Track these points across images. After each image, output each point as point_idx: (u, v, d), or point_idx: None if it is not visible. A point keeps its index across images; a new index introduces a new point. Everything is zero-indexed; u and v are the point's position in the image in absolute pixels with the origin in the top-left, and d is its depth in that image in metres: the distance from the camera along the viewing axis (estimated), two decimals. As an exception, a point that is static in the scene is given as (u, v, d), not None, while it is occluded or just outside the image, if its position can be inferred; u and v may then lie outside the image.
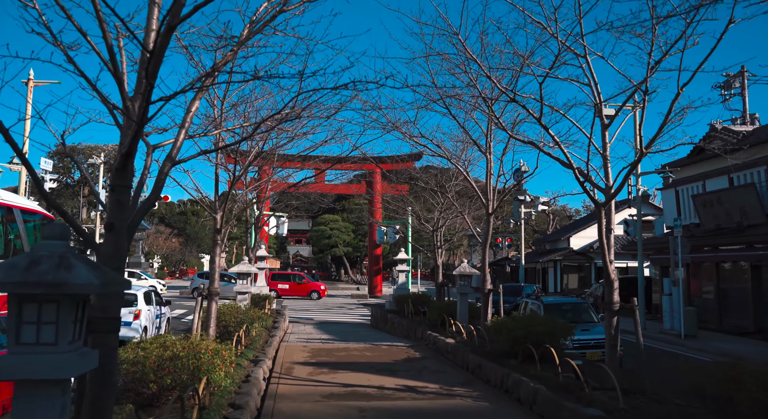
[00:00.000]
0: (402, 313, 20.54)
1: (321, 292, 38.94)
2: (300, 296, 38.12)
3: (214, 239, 10.24)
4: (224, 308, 12.46)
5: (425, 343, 14.72)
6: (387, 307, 23.80)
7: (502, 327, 10.62)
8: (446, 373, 10.90)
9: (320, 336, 17.94)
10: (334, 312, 29.89)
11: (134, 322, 14.54)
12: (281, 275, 41.00)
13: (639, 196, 25.15)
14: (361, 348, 14.09)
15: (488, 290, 13.45)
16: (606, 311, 7.95)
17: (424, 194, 19.55)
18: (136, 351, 6.67)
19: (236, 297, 15.44)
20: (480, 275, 13.76)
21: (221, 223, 10.15)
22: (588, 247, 39.54)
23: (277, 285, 37.47)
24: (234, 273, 15.67)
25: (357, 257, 69.16)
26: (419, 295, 20.58)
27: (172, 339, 7.35)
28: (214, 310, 10.14)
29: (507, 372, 9.31)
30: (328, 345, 14.86)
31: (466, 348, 11.82)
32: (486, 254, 13.39)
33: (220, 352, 7.11)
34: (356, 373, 10.65)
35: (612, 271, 8.02)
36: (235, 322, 12.11)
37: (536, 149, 9.09)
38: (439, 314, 15.78)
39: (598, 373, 7.82)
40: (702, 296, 24.87)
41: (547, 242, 46.77)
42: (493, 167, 13.18)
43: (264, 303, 19.54)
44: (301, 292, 38.48)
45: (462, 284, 14.90)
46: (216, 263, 10.33)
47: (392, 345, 14.69)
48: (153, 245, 70.16)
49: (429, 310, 17.41)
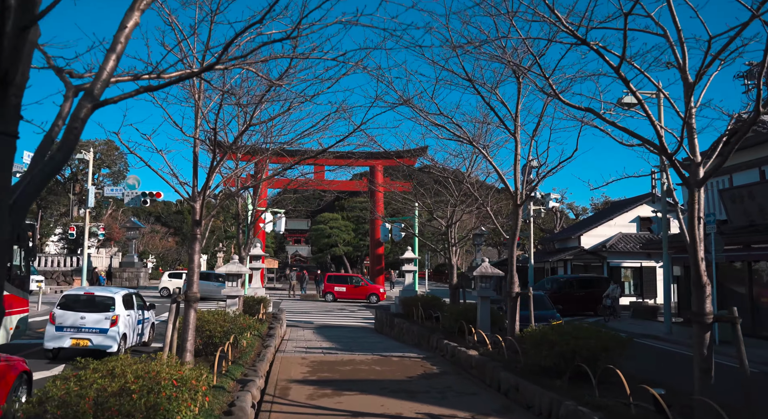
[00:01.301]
0: (410, 317, 18.70)
1: (380, 295, 35.31)
2: (358, 299, 35.25)
3: (192, 233, 8.38)
4: (209, 315, 10.60)
5: (441, 354, 12.87)
6: (393, 310, 21.94)
7: (543, 339, 8.77)
8: (476, 396, 9.01)
9: (321, 343, 16.10)
10: (335, 315, 28.02)
11: (111, 329, 12.82)
12: (338, 277, 38.40)
13: (664, 189, 23.28)
14: (369, 361, 12.21)
15: (516, 293, 11.59)
16: (696, 325, 6.10)
17: (437, 185, 17.69)
18: (68, 385, 4.80)
19: (226, 302, 13.59)
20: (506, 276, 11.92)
21: (201, 213, 8.29)
22: (600, 246, 37.74)
23: (334, 288, 35.20)
24: (225, 273, 13.82)
25: (357, 257, 67.30)
26: (429, 298, 18.71)
27: (127, 362, 5.49)
28: (192, 320, 8.27)
29: (556, 397, 7.45)
30: (331, 356, 12.99)
31: (494, 363, 9.96)
32: (514, 252, 11.54)
33: (189, 382, 5.24)
34: (366, 396, 8.78)
35: (703, 272, 6.18)
36: (221, 332, 10.26)
37: (575, 128, 7.35)
38: (456, 320, 13.94)
39: (680, 401, 6.00)
40: (732, 298, 23.07)
41: (555, 241, 44.93)
42: (520, 151, 11.33)
43: (258, 307, 17.69)
44: (359, 295, 35.47)
45: (483, 287, 13.03)
46: (195, 263, 8.46)
47: (404, 357, 12.83)
48: (148, 244, 68.74)
49: (443, 315, 15.56)
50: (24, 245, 13.53)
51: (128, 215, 55.67)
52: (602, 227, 39.27)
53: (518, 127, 11.05)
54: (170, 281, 37.35)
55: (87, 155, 39.42)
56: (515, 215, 11.29)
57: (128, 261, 46.01)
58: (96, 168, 51.47)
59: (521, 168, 11.49)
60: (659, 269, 38.21)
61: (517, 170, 11.20)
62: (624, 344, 8.45)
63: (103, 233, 46.26)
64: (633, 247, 37.12)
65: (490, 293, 13.04)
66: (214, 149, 7.70)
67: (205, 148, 8.94)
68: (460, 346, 11.93)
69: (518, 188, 11.26)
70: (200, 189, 8.24)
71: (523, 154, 11.49)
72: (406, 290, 22.20)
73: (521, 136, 11.19)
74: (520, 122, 11.15)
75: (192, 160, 8.21)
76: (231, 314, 11.21)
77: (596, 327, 8.97)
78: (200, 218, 8.32)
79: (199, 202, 8.24)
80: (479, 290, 12.95)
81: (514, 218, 11.27)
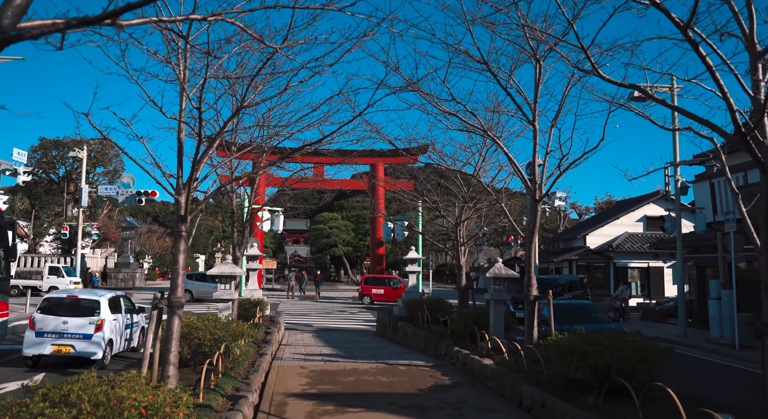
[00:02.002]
0: (415, 321, 17.71)
1: None
2: (395, 302, 34.53)
3: (176, 230, 7.39)
4: (198, 321, 9.60)
5: (451, 362, 11.88)
6: (396, 313, 20.95)
7: (572, 349, 7.77)
8: (497, 413, 8.01)
9: (321, 349, 15.11)
10: (335, 317, 27.04)
11: (95, 335, 11.95)
12: (375, 279, 36.73)
13: (678, 187, 22.32)
14: (374, 370, 11.21)
15: (534, 296, 10.60)
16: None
17: (444, 180, 16.67)
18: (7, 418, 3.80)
19: (218, 306, 12.58)
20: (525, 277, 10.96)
21: (186, 208, 7.30)
22: (606, 246, 36.81)
23: (371, 290, 33.94)
24: (217, 274, 12.82)
25: (357, 257, 66.25)
26: (435, 300, 17.70)
27: (89, 384, 4.50)
28: (176, 329, 7.27)
29: (593, 418, 6.47)
30: (332, 364, 11.99)
31: (514, 375, 8.97)
32: (533, 252, 10.56)
33: (161, 410, 4.24)
34: (373, 414, 7.78)
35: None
36: (211, 340, 9.27)
37: (602, 114, 6.40)
38: (466, 324, 12.96)
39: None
40: (750, 300, 22.11)
41: (560, 241, 43.95)
42: (539, 142, 10.34)
43: (255, 310, 16.69)
44: (397, 298, 34.82)
45: (496, 289, 12.03)
46: (180, 263, 7.47)
47: (411, 365, 11.83)
48: (146, 245, 67.94)
49: (452, 319, 14.57)
50: (3, 245, 12.59)
51: (125, 215, 54.62)
52: (608, 226, 38.33)
53: (537, 112, 10.05)
54: None
55: (80, 153, 38.41)
56: (534, 211, 10.29)
57: (124, 262, 45.01)
58: (91, 167, 50.49)
59: (531, 168, 10.53)
60: (667, 270, 37.30)
61: (536, 162, 10.22)
62: (664, 355, 7.48)
63: (97, 233, 45.21)
64: (640, 247, 36.24)
65: (504, 296, 12.05)
66: (200, 132, 6.71)
67: (194, 134, 7.96)
68: (473, 354, 10.94)
69: (537, 182, 10.28)
70: (185, 181, 7.25)
71: (542, 144, 10.48)
72: (410, 291, 21.22)
73: (540, 124, 10.21)
74: (539, 110, 10.17)
75: (176, 148, 7.22)
76: (223, 319, 10.20)
77: (630, 335, 7.99)
78: (185, 214, 7.33)
79: (183, 195, 7.25)
80: (492, 293, 11.95)
81: (533, 213, 10.28)
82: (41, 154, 51.57)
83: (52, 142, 51.09)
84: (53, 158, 51.81)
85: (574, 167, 9.48)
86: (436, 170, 17.15)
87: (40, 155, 51.44)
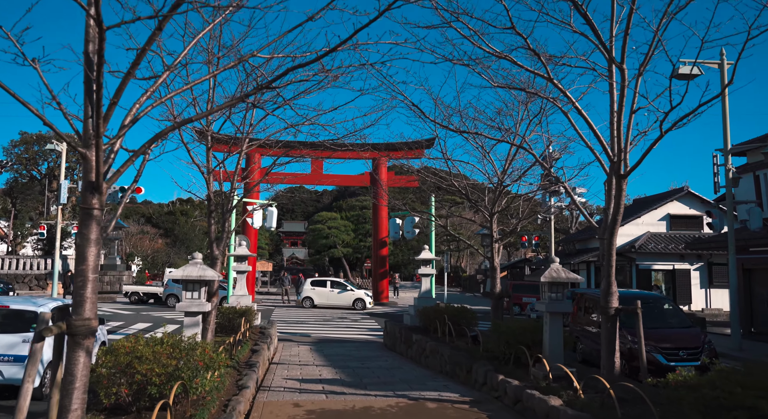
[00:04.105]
0: (431, 333, 14.76)
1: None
2: None
3: (84, 204, 4.45)
4: (144, 346, 6.61)
5: (495, 395, 8.89)
6: (408, 322, 17.98)
7: (715, 394, 4.83)
8: None
9: (321, 370, 12.14)
10: (335, 325, 24.06)
11: (30, 356, 8.80)
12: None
13: (730, 178, 19.41)
14: (394, 411, 8.19)
15: (615, 309, 7.65)
16: None
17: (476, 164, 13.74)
18: None
19: (185, 321, 9.50)
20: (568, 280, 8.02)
21: (98, 169, 4.36)
22: (628, 246, 33.95)
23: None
24: (186, 278, 9.80)
25: (357, 259, 63.25)
26: (457, 309, 14.73)
27: None
28: (80, 369, 4.31)
29: None
30: (336, 398, 8.99)
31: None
32: (613, 247, 7.61)
33: None
34: None
35: None
36: (162, 374, 6.31)
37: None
38: (509, 343, 10.01)
39: None
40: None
41: (576, 242, 41.07)
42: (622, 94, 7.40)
43: (240, 321, 13.72)
44: None
45: (553, 298, 9.05)
46: (89, 263, 4.52)
47: (442, 400, 8.83)
48: (136, 246, 65.15)
49: (485, 335, 11.62)
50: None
51: (113, 214, 51.68)
52: (629, 225, 35.52)
53: (627, 45, 7.07)
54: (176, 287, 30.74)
55: (59, 145, 35.41)
56: (618, 190, 7.36)
57: (110, 263, 41.99)
58: (74, 163, 47.42)
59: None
60: (694, 272, 34.46)
61: (620, 121, 7.27)
62: None
63: (79, 233, 42.37)
64: (664, 247, 33.47)
65: (565, 307, 9.07)
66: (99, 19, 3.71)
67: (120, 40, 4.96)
68: (529, 388, 7.97)
69: (620, 148, 7.33)
70: (95, 123, 4.29)
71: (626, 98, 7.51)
72: (423, 297, 18.26)
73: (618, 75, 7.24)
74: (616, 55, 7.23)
75: (83, 62, 4.26)
76: (185, 342, 7.20)
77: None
78: (98, 178, 4.38)
79: (93, 146, 4.30)
80: (548, 304, 8.97)
81: (617, 194, 7.34)
82: (22, 149, 48.50)
83: (34, 136, 48.09)
84: (35, 153, 48.74)
85: (676, 129, 6.52)
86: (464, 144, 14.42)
87: (20, 151, 48.39)
